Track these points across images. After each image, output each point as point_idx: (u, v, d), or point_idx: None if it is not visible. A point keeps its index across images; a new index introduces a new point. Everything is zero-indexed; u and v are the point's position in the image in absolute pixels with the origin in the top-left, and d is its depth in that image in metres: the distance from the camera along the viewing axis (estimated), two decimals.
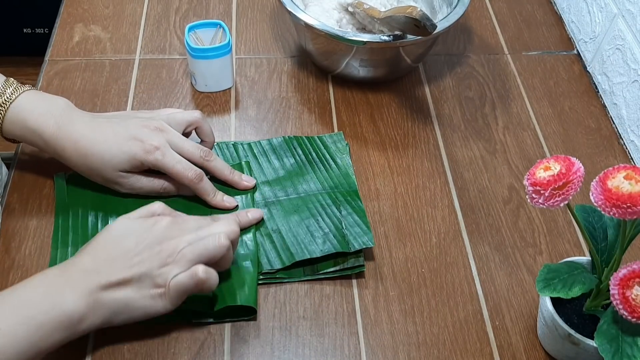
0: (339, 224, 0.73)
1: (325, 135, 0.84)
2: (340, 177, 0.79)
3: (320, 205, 0.75)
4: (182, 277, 0.61)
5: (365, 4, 0.88)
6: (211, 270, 0.62)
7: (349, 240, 0.71)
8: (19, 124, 0.70)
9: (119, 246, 0.61)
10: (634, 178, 0.51)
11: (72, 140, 0.70)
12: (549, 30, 1.04)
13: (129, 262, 0.61)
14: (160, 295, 0.61)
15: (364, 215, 0.74)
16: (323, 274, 0.71)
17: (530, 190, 0.55)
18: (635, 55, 0.85)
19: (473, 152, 0.85)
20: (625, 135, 0.87)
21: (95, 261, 0.60)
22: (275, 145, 0.82)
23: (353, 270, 0.71)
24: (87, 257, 0.61)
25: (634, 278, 0.52)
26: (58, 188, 0.76)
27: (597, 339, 0.55)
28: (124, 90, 0.89)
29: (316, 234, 0.72)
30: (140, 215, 0.64)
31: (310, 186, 0.78)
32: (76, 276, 0.59)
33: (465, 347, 0.67)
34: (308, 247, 0.71)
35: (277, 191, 0.77)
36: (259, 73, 0.93)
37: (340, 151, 0.82)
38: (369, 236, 0.72)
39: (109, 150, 0.70)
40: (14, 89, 0.70)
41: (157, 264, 0.61)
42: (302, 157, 0.81)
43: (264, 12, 1.03)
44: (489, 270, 0.73)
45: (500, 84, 0.95)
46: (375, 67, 0.89)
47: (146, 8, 1.02)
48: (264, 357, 0.65)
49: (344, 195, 0.76)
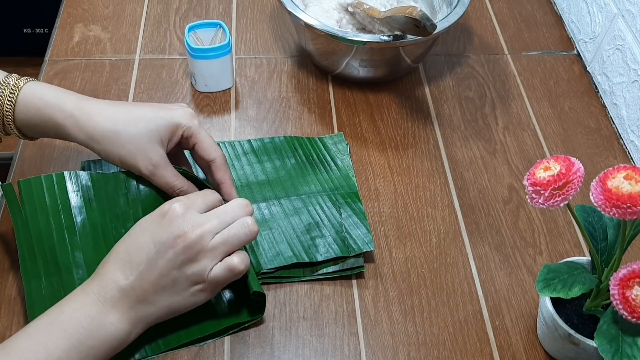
0: (340, 227, 0.73)
1: (326, 136, 0.84)
2: (341, 178, 0.79)
3: (320, 207, 0.75)
4: (220, 271, 0.60)
5: (365, 4, 0.88)
6: (245, 257, 0.62)
7: (349, 244, 0.71)
8: (33, 104, 0.66)
9: (137, 246, 0.60)
10: (634, 178, 0.51)
11: (98, 109, 0.66)
12: (549, 30, 1.03)
13: (157, 268, 0.59)
14: (201, 290, 0.61)
15: (364, 217, 0.74)
16: (323, 274, 0.71)
17: (530, 190, 0.55)
18: (635, 55, 0.85)
19: (473, 152, 0.85)
20: (625, 135, 0.87)
21: (125, 273, 0.59)
22: (277, 143, 0.82)
23: (353, 271, 0.71)
24: (115, 267, 0.59)
25: (634, 278, 0.52)
26: (9, 200, 0.66)
27: (597, 339, 0.55)
28: (124, 90, 0.89)
29: (318, 240, 0.72)
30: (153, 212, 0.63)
31: (310, 187, 0.78)
32: (114, 295, 0.58)
33: (465, 347, 0.67)
34: (308, 252, 0.71)
35: (278, 191, 0.77)
36: (259, 73, 0.93)
37: (341, 152, 0.82)
38: (369, 239, 0.72)
39: (144, 114, 0.66)
40: (16, 79, 0.67)
41: (187, 261, 0.59)
42: (303, 158, 0.81)
43: (264, 12, 1.03)
44: (489, 271, 0.73)
45: (500, 84, 0.95)
46: (375, 67, 0.89)
47: (146, 8, 1.02)
48: (264, 357, 0.65)
49: (344, 197, 0.76)
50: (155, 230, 0.60)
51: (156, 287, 0.59)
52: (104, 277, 0.60)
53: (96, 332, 0.57)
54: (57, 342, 0.56)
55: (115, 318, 0.58)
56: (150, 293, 0.59)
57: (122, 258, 0.60)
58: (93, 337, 0.57)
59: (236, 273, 0.61)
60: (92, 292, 0.59)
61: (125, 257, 0.60)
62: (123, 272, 0.59)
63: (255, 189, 0.77)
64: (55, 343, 0.56)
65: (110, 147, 0.65)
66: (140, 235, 0.61)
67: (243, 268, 0.61)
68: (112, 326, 0.58)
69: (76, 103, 0.66)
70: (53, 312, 0.58)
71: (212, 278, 0.60)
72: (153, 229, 0.60)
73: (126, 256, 0.60)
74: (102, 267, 0.61)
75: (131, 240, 0.61)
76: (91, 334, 0.57)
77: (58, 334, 0.56)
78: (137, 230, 0.61)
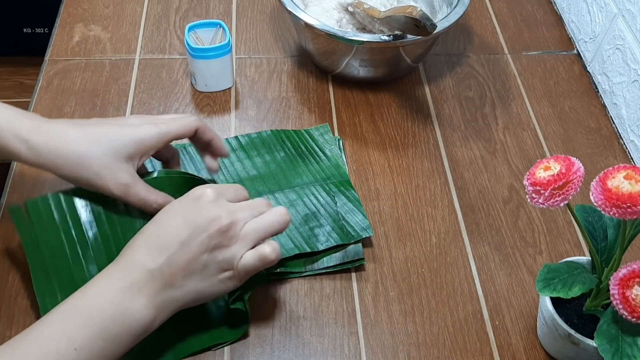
0: (336, 215, 0.74)
1: (312, 128, 0.85)
2: (331, 168, 0.80)
3: (315, 198, 0.76)
4: (251, 259, 0.60)
5: (365, 4, 0.88)
6: (277, 247, 0.61)
7: (347, 232, 0.72)
8: None
9: (168, 229, 0.59)
10: (634, 178, 0.51)
11: (57, 131, 0.62)
12: (549, 30, 1.03)
13: (189, 251, 0.58)
14: (230, 277, 0.60)
15: (359, 204, 0.75)
16: (324, 268, 0.71)
17: (530, 190, 0.55)
18: (635, 55, 0.85)
19: (473, 152, 0.85)
20: (625, 135, 0.87)
21: (153, 256, 0.58)
22: (264, 138, 0.82)
23: (354, 264, 0.71)
24: (143, 251, 0.58)
25: (634, 278, 0.52)
26: (18, 222, 0.65)
27: (597, 339, 0.55)
28: (124, 90, 0.89)
29: (317, 230, 0.72)
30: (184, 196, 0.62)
31: (302, 179, 0.78)
32: (141, 279, 0.57)
33: (465, 347, 0.67)
34: (309, 242, 0.71)
35: (271, 185, 0.77)
36: (259, 73, 0.93)
37: (329, 142, 0.83)
38: (367, 225, 0.73)
39: (107, 133, 0.63)
40: None
41: (219, 246, 0.59)
42: (292, 150, 0.81)
43: (264, 12, 1.03)
44: (489, 270, 0.73)
45: (500, 84, 0.95)
46: (375, 67, 0.89)
47: (146, 8, 1.02)
48: (264, 357, 0.65)
49: (337, 185, 0.77)
50: (188, 213, 0.59)
51: (185, 271, 0.58)
52: (129, 262, 0.58)
53: (121, 319, 0.55)
54: (80, 330, 0.54)
55: (141, 304, 0.56)
56: (179, 277, 0.58)
57: (150, 241, 0.59)
58: (117, 324, 0.55)
59: (267, 262, 0.60)
60: (117, 276, 0.57)
61: (154, 241, 0.59)
62: (151, 255, 0.58)
63: (247, 185, 0.77)
64: (78, 331, 0.54)
65: (75, 170, 0.63)
66: (170, 218, 0.60)
67: (274, 258, 0.60)
68: (137, 312, 0.56)
69: (33, 127, 0.62)
70: (75, 298, 0.56)
71: (242, 266, 0.60)
72: (185, 212, 0.59)
73: (155, 239, 0.59)
74: (127, 252, 0.59)
75: (160, 223, 0.60)
76: (115, 321, 0.55)
77: (81, 322, 0.54)
78: (166, 214, 0.60)
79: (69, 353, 0.53)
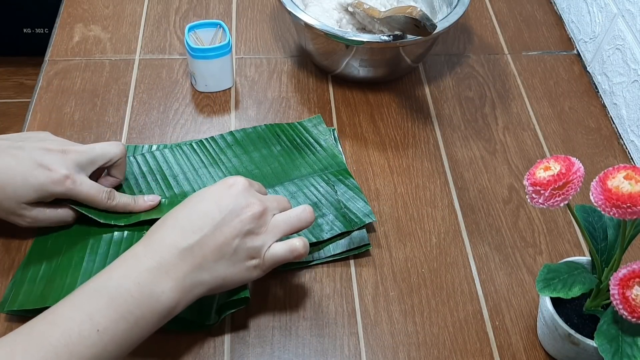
0: (338, 204, 0.74)
1: (304, 120, 0.85)
2: (328, 158, 0.80)
3: (315, 188, 0.76)
4: (280, 250, 0.61)
5: (365, 4, 0.88)
6: (307, 243, 0.63)
7: (350, 219, 0.73)
8: None
9: (201, 212, 0.59)
10: (634, 178, 0.51)
11: None
12: (549, 30, 1.03)
13: (222, 234, 0.58)
14: (255, 266, 0.61)
15: (359, 191, 0.76)
16: (331, 256, 0.72)
17: (530, 190, 0.55)
18: (635, 55, 0.85)
19: (473, 152, 0.85)
20: (625, 135, 0.87)
21: (185, 236, 0.57)
22: (259, 132, 0.83)
23: (360, 250, 0.72)
24: (172, 232, 0.58)
25: (634, 278, 0.52)
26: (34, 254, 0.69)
27: (597, 339, 0.55)
28: (124, 90, 0.89)
29: (320, 220, 0.73)
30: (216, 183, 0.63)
31: (301, 171, 0.79)
32: (171, 259, 0.57)
33: (465, 347, 0.67)
34: (313, 232, 0.72)
35: (271, 179, 0.77)
36: (259, 73, 0.93)
37: (323, 133, 0.84)
38: (369, 210, 0.74)
39: (12, 181, 0.63)
40: None
41: (250, 233, 0.59)
42: (288, 143, 0.82)
43: (264, 12, 1.03)
44: (489, 270, 0.73)
45: (500, 84, 0.95)
46: (375, 67, 0.89)
47: (146, 8, 1.02)
48: (264, 357, 0.65)
49: (335, 175, 0.78)
50: (221, 199, 0.60)
51: (216, 255, 0.58)
52: (157, 242, 0.58)
53: (146, 301, 0.55)
54: (104, 312, 0.53)
55: (168, 286, 0.56)
56: (210, 259, 0.58)
57: (182, 222, 0.59)
58: (142, 307, 0.54)
59: (296, 255, 0.62)
60: (146, 257, 0.56)
61: (186, 222, 0.59)
62: (183, 236, 0.58)
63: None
64: (102, 312, 0.53)
65: None
66: (202, 203, 0.60)
67: (303, 252, 0.62)
68: (163, 295, 0.55)
69: None
70: (100, 278, 0.56)
71: (271, 255, 0.61)
72: (218, 197, 0.60)
73: (187, 221, 0.59)
74: (155, 234, 0.59)
75: (191, 207, 0.60)
76: (140, 303, 0.54)
77: (105, 303, 0.53)
78: (197, 199, 0.61)
79: (91, 335, 0.52)
